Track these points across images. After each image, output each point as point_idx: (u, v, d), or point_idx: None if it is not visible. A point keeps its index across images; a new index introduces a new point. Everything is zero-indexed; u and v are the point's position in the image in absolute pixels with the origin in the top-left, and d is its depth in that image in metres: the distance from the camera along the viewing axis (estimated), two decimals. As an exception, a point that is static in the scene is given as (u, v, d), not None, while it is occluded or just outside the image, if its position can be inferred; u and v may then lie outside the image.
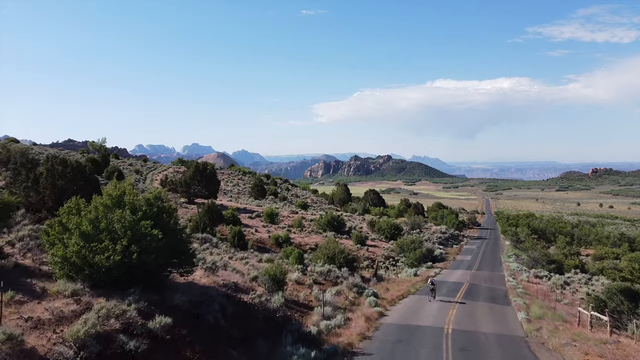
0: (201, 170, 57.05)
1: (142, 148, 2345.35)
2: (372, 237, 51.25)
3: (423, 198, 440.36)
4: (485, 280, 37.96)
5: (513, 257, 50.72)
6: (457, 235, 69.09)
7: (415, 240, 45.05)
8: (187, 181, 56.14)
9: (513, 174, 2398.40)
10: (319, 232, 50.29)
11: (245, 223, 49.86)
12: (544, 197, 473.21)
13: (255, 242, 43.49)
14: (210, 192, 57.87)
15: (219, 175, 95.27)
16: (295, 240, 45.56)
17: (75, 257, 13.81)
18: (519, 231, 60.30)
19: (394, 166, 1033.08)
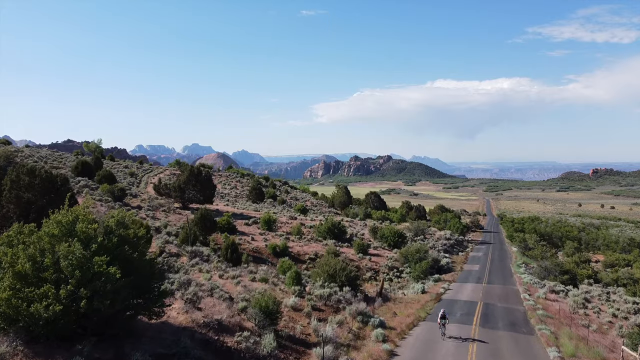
0: (196, 174, 54.21)
1: (142, 148, 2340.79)
2: (375, 246, 48.46)
3: (423, 199, 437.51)
4: (500, 298, 34.62)
5: (523, 266, 48.01)
6: (462, 240, 66.33)
7: (420, 249, 42.25)
8: (182, 186, 53.32)
9: (513, 174, 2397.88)
10: (318, 240, 47.55)
11: (241, 230, 47.11)
12: (545, 198, 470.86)
13: (251, 252, 40.74)
14: (206, 197, 55.07)
15: (216, 178, 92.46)
16: (293, 250, 42.83)
17: (5, 306, 10.75)
18: (527, 237, 57.55)
19: (394, 166, 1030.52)
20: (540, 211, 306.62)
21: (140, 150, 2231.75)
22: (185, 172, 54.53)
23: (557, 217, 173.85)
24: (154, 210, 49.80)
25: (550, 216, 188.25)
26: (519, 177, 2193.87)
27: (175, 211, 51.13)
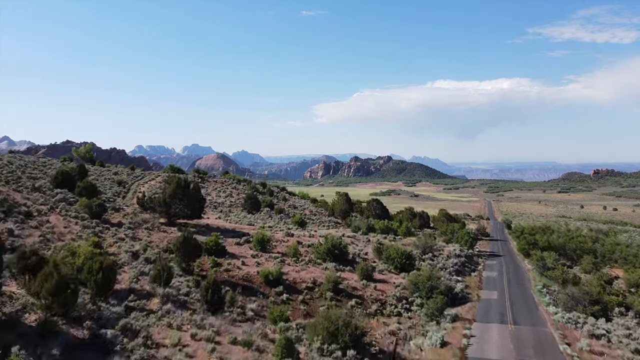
0: (183, 187, 49.33)
1: (141, 149, 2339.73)
2: (380, 269, 43.65)
3: (424, 200, 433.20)
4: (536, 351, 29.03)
5: (545, 291, 43.19)
6: (472, 255, 61.58)
7: (432, 276, 37.46)
8: (167, 200, 48.50)
9: (513, 175, 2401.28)
10: (317, 262, 42.74)
11: (231, 252, 42.34)
12: (546, 199, 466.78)
13: (240, 280, 35.97)
14: (194, 212, 50.24)
15: (211, 184, 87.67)
16: (289, 276, 38.01)
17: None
18: (545, 256, 52.72)
19: (394, 167, 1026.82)
20: (543, 213, 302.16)
21: (140, 150, 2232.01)
22: (171, 184, 49.61)
23: (563, 221, 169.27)
24: (136, 228, 45.11)
25: (556, 220, 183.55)
26: (519, 177, 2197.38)
27: (159, 228, 46.39)
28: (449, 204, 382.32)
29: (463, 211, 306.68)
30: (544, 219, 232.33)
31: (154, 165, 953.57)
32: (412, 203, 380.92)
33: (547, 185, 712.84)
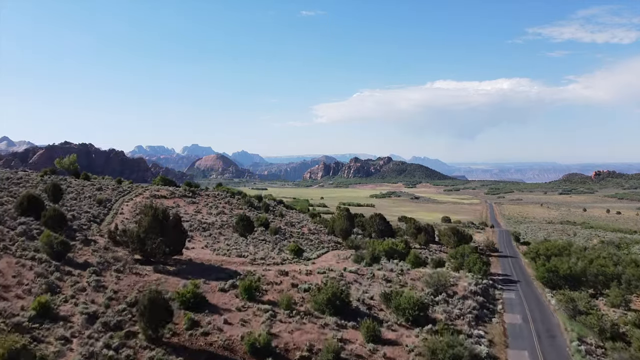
0: (161, 219, 42.81)
1: (141, 149, 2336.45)
2: (389, 323, 37.03)
3: (425, 203, 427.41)
4: None
5: (584, 352, 36.61)
6: (487, 287, 55.07)
7: (453, 342, 30.90)
8: (141, 235, 41.91)
9: (513, 175, 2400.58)
10: (315, 315, 36.08)
11: (213, 303, 35.68)
12: (548, 202, 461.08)
13: (220, 348, 29.44)
14: (174, 247, 43.70)
15: (202, 198, 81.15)
16: (280, 341, 31.22)
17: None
18: (575, 297, 46.20)
19: (395, 168, 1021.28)
20: (546, 217, 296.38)
21: (139, 151, 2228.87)
22: (147, 216, 43.00)
23: (570, 229, 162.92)
24: (104, 270, 38.54)
25: (562, 228, 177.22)
26: (519, 177, 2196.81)
27: (132, 269, 39.75)
28: (451, 207, 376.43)
29: (465, 216, 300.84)
30: (548, 224, 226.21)
31: (152, 167, 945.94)
32: (413, 206, 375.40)
33: (548, 186, 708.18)
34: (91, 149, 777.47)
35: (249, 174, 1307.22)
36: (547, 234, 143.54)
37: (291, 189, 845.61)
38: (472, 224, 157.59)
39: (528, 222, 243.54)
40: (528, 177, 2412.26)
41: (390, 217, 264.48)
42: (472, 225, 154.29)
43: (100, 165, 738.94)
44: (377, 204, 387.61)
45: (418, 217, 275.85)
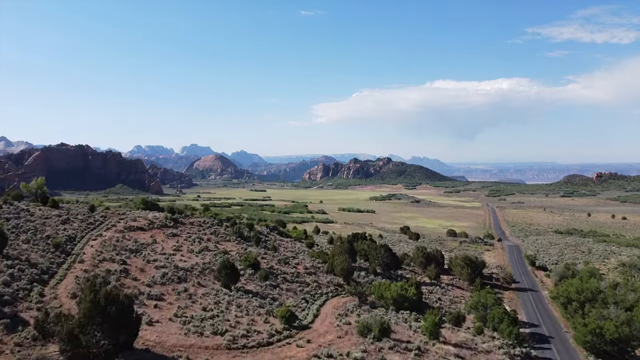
0: (103, 306, 31.85)
1: (140, 149, 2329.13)
2: None
3: (426, 207, 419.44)
4: None
5: None
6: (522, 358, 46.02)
7: None
8: (75, 331, 30.54)
9: (512, 175, 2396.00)
10: None
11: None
12: (551, 205, 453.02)
13: None
14: (122, 341, 32.18)
15: (185, 227, 72.36)
16: None
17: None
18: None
19: (394, 169, 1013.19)
20: (550, 222, 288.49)
21: (138, 151, 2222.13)
22: (85, 299, 32.53)
23: (585, 245, 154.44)
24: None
25: (574, 243, 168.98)
26: (519, 177, 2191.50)
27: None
28: (452, 212, 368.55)
29: (468, 222, 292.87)
30: (555, 234, 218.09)
31: (150, 168, 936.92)
32: (414, 212, 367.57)
33: (550, 188, 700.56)
34: (88, 150, 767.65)
35: (247, 174, 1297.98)
36: (559, 250, 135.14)
37: (290, 191, 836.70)
38: (480, 239, 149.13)
39: (534, 231, 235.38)
40: (527, 177, 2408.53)
41: (391, 224, 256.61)
42: (480, 241, 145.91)
43: (97, 167, 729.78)
44: (378, 208, 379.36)
45: (420, 225, 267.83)
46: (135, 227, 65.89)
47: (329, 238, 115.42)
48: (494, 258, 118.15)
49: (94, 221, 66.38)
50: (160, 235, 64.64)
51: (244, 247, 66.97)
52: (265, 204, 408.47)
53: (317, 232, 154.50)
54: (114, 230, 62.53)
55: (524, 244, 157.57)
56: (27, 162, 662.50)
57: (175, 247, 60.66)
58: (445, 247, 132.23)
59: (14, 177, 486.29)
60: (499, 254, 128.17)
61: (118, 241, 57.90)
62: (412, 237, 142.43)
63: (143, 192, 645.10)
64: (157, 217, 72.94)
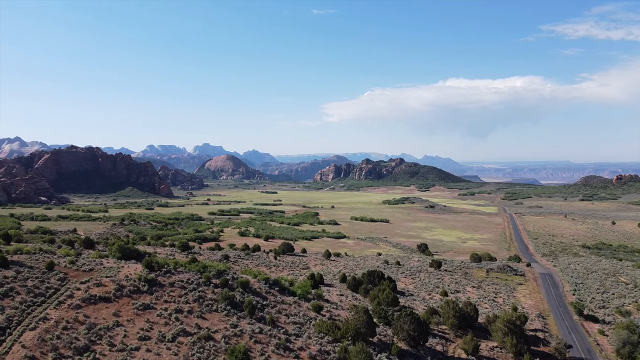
0: None
1: (153, 149, 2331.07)
2: None
3: (442, 213, 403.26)
4: None
5: None
6: None
7: None
8: None
9: (526, 174, 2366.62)
10: None
11: None
12: (571, 210, 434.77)
13: None
14: None
15: (164, 291, 58.50)
16: None
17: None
18: None
19: (407, 170, 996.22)
20: (573, 233, 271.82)
21: (151, 150, 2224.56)
22: None
23: (630, 275, 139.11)
24: None
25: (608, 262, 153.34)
26: (532, 176, 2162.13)
27: None
28: (470, 219, 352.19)
29: (487, 234, 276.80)
30: (586, 249, 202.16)
31: (161, 169, 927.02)
32: (429, 220, 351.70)
33: (568, 191, 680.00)
34: (98, 152, 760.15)
35: (259, 174, 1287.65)
36: (599, 283, 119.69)
37: (301, 192, 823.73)
38: (508, 267, 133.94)
39: (559, 245, 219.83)
40: (541, 176, 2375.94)
41: (407, 238, 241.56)
42: (508, 269, 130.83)
43: (107, 170, 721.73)
44: (391, 216, 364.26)
45: (437, 237, 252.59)
46: (98, 297, 52.23)
47: (340, 276, 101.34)
48: (530, 298, 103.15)
49: (47, 289, 52.90)
50: (128, 310, 50.92)
51: (233, 323, 52.79)
52: (275, 210, 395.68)
53: (328, 256, 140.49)
54: (67, 306, 48.93)
55: (557, 270, 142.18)
56: (37, 165, 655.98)
57: (143, 331, 46.88)
58: (471, 279, 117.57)
59: (21, 181, 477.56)
60: (533, 289, 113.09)
61: (66, 329, 44.30)
62: (434, 265, 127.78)
63: (153, 195, 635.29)
64: (130, 276, 59.21)
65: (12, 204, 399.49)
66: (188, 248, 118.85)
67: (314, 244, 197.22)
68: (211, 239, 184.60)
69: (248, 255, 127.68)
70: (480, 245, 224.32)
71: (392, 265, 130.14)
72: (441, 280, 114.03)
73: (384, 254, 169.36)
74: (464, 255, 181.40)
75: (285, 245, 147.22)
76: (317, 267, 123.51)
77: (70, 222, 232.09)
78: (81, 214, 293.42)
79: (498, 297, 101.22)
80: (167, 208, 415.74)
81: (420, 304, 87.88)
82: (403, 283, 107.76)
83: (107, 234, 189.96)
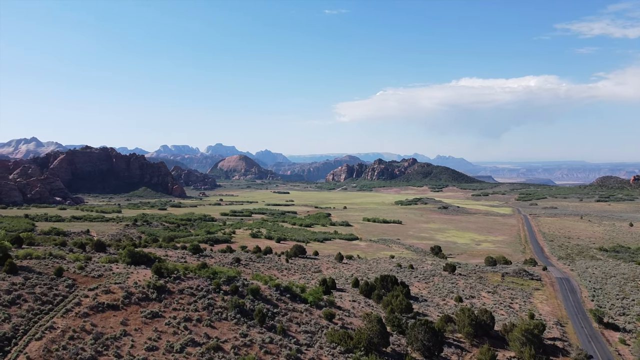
0: None
1: (166, 149, 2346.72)
2: None
3: (455, 214, 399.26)
4: None
5: None
6: None
7: None
8: None
9: (541, 174, 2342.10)
10: None
11: None
12: (587, 212, 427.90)
13: None
14: None
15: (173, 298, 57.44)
16: None
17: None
18: None
19: (420, 170, 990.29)
20: (590, 235, 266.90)
21: (165, 150, 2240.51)
22: None
23: None
24: None
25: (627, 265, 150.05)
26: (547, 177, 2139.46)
27: None
28: (483, 221, 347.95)
29: (502, 236, 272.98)
30: (603, 252, 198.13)
31: (175, 169, 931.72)
32: (443, 221, 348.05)
33: (583, 192, 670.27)
34: (112, 153, 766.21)
35: (271, 174, 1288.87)
36: (618, 288, 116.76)
37: (313, 193, 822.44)
38: (524, 271, 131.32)
39: (575, 248, 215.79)
40: (556, 176, 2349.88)
41: (420, 240, 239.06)
42: (524, 273, 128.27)
43: (121, 170, 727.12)
44: (404, 217, 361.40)
45: (450, 240, 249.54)
46: (106, 304, 51.33)
47: (353, 280, 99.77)
48: (547, 304, 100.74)
49: (55, 296, 52.12)
50: (136, 319, 49.95)
51: (243, 333, 51.57)
52: (287, 211, 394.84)
53: (340, 259, 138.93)
54: (74, 315, 48.04)
55: (574, 274, 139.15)
56: (53, 166, 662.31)
57: (151, 341, 45.85)
58: (486, 284, 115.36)
59: (36, 182, 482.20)
60: (550, 294, 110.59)
61: (72, 339, 43.40)
62: (448, 269, 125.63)
63: (166, 195, 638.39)
64: (139, 282, 58.29)
65: (28, 204, 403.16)
66: (199, 251, 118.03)
67: (326, 246, 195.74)
68: (223, 240, 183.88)
69: (260, 258, 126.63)
70: (494, 247, 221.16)
71: (405, 269, 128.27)
72: (455, 284, 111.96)
73: (397, 256, 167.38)
74: (478, 258, 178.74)
75: (297, 248, 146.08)
76: (329, 271, 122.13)
77: (83, 223, 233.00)
78: (95, 214, 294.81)
79: (514, 303, 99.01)
80: (180, 208, 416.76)
81: (435, 310, 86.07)
82: (417, 288, 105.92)
83: (120, 235, 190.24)
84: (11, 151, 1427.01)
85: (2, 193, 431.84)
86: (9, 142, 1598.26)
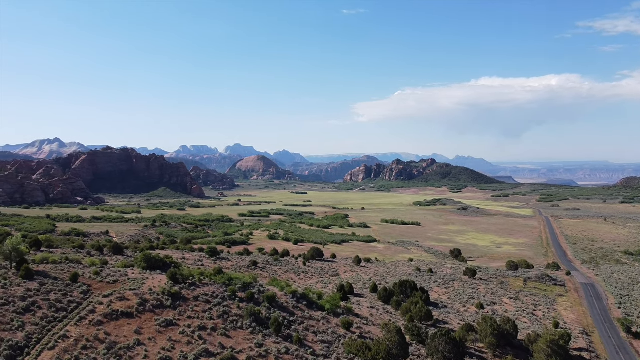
0: None
1: (185, 149, 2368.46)
2: None
3: (474, 216, 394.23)
4: None
5: None
6: None
7: None
8: None
9: (562, 175, 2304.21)
10: None
11: None
12: (611, 214, 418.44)
13: None
14: None
15: (188, 306, 56.50)
16: None
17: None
18: None
19: (438, 171, 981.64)
20: (615, 238, 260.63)
21: (184, 151, 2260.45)
22: None
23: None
24: None
25: None
26: (569, 177, 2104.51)
27: None
28: (504, 222, 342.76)
29: (523, 238, 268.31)
30: (628, 256, 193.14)
31: (193, 170, 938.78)
32: (462, 223, 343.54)
33: (607, 193, 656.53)
34: (132, 153, 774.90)
35: (289, 175, 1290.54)
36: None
37: (331, 193, 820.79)
38: (547, 276, 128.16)
39: (599, 251, 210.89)
40: (578, 177, 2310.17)
41: (439, 243, 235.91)
42: (547, 279, 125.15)
43: (141, 170, 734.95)
44: (422, 218, 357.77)
45: (470, 242, 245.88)
46: (120, 312, 50.57)
47: (371, 285, 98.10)
48: (572, 312, 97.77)
49: (69, 302, 51.55)
50: (150, 327, 49.09)
51: (259, 342, 50.35)
52: (305, 212, 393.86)
53: (358, 262, 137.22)
54: (88, 322, 47.33)
55: (599, 280, 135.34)
56: (74, 166, 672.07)
57: (165, 351, 44.90)
58: (508, 290, 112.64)
59: (58, 182, 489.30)
60: (575, 301, 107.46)
61: (85, 348, 42.64)
62: (468, 274, 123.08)
63: (185, 196, 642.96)
64: (154, 289, 57.51)
65: (50, 205, 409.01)
66: (216, 253, 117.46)
67: (344, 248, 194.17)
68: (240, 242, 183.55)
69: (277, 260, 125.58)
70: (515, 250, 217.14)
71: (425, 273, 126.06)
72: (476, 290, 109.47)
73: (416, 259, 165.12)
74: (499, 261, 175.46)
75: (314, 251, 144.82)
76: (346, 274, 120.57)
77: (103, 224, 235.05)
78: (115, 215, 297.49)
79: (537, 310, 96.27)
80: (199, 209, 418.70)
81: (455, 317, 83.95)
82: (436, 293, 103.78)
83: (139, 236, 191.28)
84: (35, 152, 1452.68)
85: (26, 193, 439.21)
86: (33, 142, 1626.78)
